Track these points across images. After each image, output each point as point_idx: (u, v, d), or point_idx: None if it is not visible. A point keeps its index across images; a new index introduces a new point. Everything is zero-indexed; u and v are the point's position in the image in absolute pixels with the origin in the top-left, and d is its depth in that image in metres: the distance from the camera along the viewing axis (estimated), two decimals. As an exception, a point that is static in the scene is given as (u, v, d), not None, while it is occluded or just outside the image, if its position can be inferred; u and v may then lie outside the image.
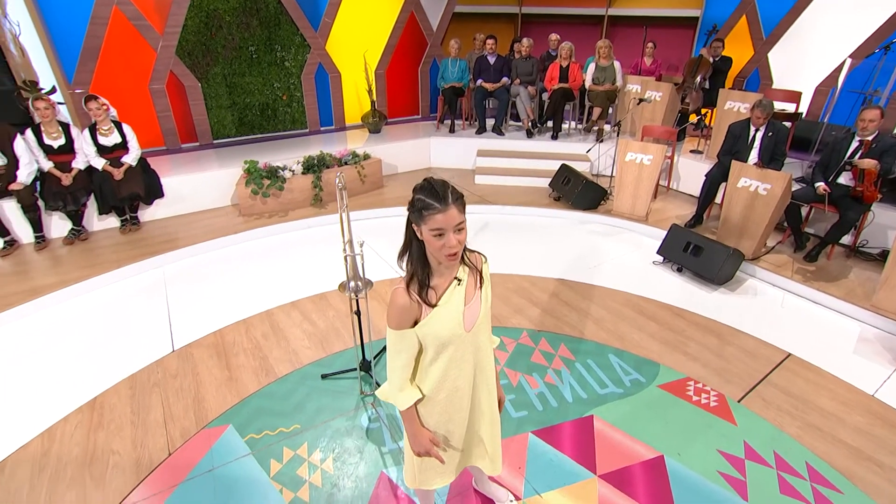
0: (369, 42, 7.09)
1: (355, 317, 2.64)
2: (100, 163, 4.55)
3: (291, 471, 2.27)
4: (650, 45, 6.62)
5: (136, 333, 3.34)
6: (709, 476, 2.25)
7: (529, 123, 6.42)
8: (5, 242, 4.38)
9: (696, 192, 4.89)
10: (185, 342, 3.20)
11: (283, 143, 6.43)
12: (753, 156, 4.34)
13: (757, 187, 4.00)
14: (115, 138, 4.60)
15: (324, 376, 2.85)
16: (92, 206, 4.65)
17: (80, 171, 4.52)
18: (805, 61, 6.33)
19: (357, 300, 2.61)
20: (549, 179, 5.59)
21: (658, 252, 4.23)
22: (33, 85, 4.61)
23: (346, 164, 5.66)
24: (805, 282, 3.79)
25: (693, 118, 5.87)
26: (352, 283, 2.54)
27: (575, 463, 2.31)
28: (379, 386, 2.72)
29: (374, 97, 6.83)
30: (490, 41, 6.36)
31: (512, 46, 7.21)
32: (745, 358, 3.05)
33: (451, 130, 6.86)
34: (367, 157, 5.87)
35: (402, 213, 5.45)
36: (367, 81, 6.74)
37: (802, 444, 2.42)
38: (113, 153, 4.60)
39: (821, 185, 3.91)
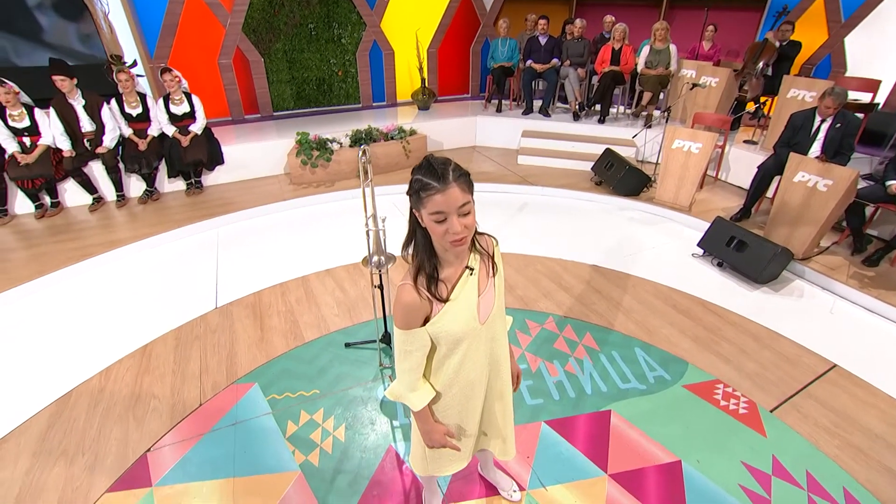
0: (423, 21, 6.74)
1: (377, 291, 2.49)
2: (170, 130, 4.62)
3: (305, 434, 2.19)
4: (710, 28, 5.85)
5: (187, 288, 3.37)
6: (729, 489, 1.96)
7: (577, 106, 5.92)
8: (94, 199, 4.58)
9: (747, 184, 4.32)
10: (227, 300, 3.20)
11: (337, 116, 6.31)
12: (815, 148, 3.72)
13: (816, 182, 3.43)
14: (184, 108, 4.63)
15: (347, 345, 2.74)
16: (163, 169, 4.76)
17: (153, 137, 4.61)
18: (890, 46, 5.37)
19: (380, 274, 2.45)
20: (593, 163, 5.14)
21: (699, 244, 3.78)
22: (118, 59, 4.69)
23: (392, 138, 5.47)
24: (861, 288, 3.25)
25: (751, 106, 5.17)
26: (374, 258, 2.38)
27: (586, 458, 2.08)
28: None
29: (425, 75, 6.53)
30: (542, 21, 5.85)
31: (564, 27, 6.62)
32: (783, 364, 2.65)
33: (499, 110, 6.48)
34: (413, 132, 5.65)
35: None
36: (419, 59, 6.43)
37: (841, 467, 2.06)
38: (182, 121, 4.65)
39: (893, 183, 3.29)
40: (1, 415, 2.35)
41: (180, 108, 4.60)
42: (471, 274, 1.17)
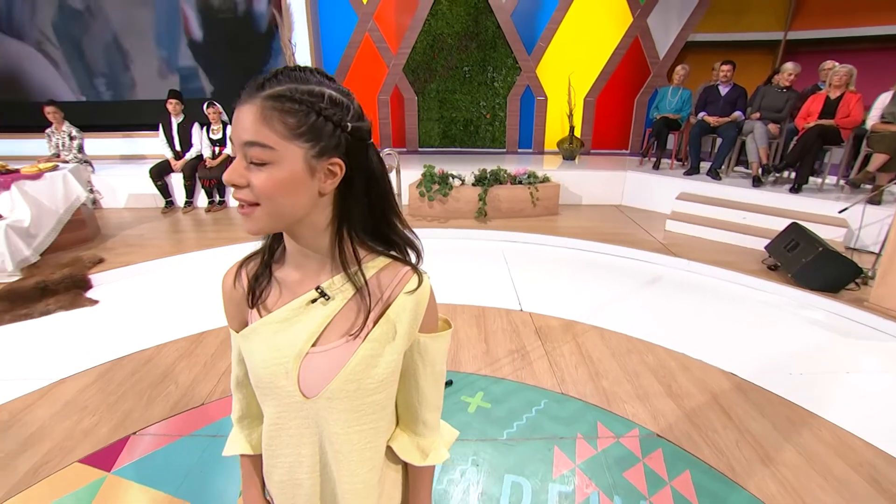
0: (582, 67, 6.34)
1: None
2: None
3: (265, 477, 1.84)
4: None
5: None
6: None
7: (760, 169, 4.64)
8: (167, 203, 5.34)
9: None
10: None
11: (478, 158, 6.24)
12: None
13: None
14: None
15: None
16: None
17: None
18: None
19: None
20: (769, 241, 3.85)
21: (941, 388, 2.31)
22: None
23: (520, 182, 5.10)
24: None
25: None
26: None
27: None
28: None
29: (574, 122, 6.06)
30: (725, 67, 4.87)
31: (770, 79, 5.34)
32: None
33: (656, 167, 5.56)
34: (546, 179, 5.20)
35: (559, 243, 4.60)
36: (569, 105, 6.02)
37: None
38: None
39: None
40: (79, 356, 2.64)
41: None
42: (318, 301, 0.66)
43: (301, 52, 5.77)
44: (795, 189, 4.35)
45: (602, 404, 2.28)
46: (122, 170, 5.74)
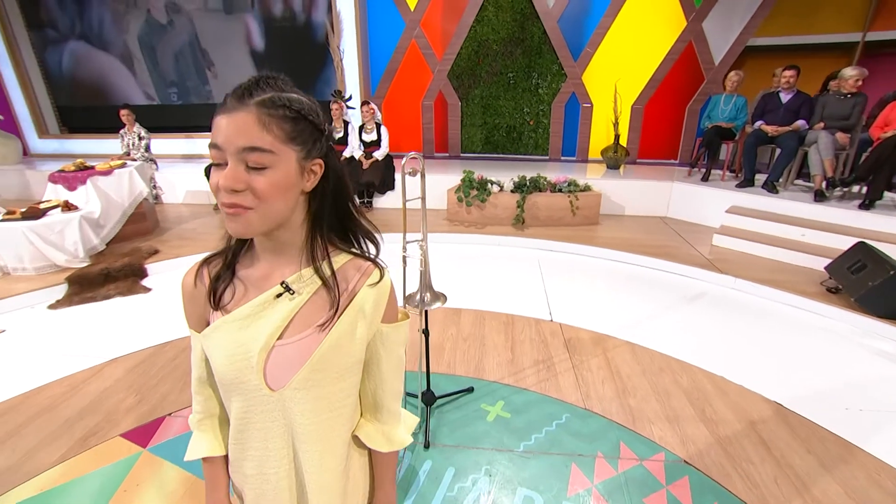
0: (631, 74, 6.11)
1: (421, 336, 2.08)
2: (358, 154, 5.29)
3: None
4: None
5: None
6: None
7: (825, 182, 4.27)
8: None
9: None
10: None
11: (521, 164, 6.17)
12: None
13: None
14: (373, 136, 5.26)
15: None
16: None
17: (345, 158, 5.36)
18: None
19: (425, 315, 2.05)
20: (830, 262, 3.53)
21: None
22: (339, 93, 5.72)
23: (560, 190, 4.99)
24: None
25: None
26: (418, 295, 1.99)
27: None
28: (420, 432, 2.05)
29: (618, 130, 5.85)
30: (788, 72, 4.52)
31: (825, 84, 4.97)
32: None
33: (705, 178, 5.26)
34: (587, 188, 5.06)
35: (597, 254, 4.45)
36: (614, 113, 5.82)
37: None
38: (369, 147, 5.28)
39: None
40: (129, 339, 2.86)
41: (369, 137, 5.24)
42: (283, 296, 0.68)
43: (349, 57, 5.97)
44: (866, 205, 3.96)
45: (627, 423, 2.17)
46: (182, 168, 6.17)
